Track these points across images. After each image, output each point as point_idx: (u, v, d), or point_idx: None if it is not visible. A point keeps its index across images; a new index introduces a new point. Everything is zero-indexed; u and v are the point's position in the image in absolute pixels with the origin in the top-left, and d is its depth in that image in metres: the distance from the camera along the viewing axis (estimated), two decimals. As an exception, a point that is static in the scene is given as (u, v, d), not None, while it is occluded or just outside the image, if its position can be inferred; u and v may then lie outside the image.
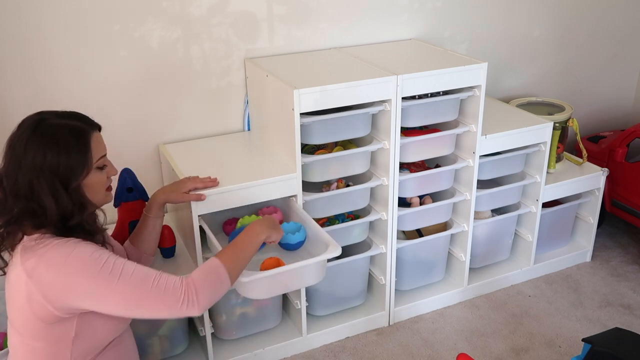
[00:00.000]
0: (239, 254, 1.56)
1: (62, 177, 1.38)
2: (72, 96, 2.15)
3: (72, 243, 1.38)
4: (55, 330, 1.40)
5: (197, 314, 1.43)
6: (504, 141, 2.42)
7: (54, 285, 1.35)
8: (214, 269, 1.48)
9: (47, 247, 1.36)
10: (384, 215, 2.29)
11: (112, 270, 1.37)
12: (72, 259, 1.35)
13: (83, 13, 2.08)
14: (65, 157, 1.38)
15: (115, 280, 1.36)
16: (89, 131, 1.45)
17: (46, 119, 1.42)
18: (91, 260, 1.37)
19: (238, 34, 2.33)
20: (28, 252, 1.36)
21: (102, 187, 1.50)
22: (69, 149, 1.39)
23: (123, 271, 1.38)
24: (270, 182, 2.03)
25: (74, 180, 1.40)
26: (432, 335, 2.42)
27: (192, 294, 1.41)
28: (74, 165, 1.40)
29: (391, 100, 2.11)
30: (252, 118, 2.43)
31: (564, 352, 2.33)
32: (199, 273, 1.45)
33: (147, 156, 2.36)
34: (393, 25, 2.61)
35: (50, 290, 1.35)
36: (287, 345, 2.30)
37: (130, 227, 2.00)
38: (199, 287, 1.42)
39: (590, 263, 2.91)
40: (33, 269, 1.35)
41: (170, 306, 1.40)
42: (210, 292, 1.45)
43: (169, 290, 1.39)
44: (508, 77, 3.03)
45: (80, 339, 1.43)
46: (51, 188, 1.37)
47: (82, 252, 1.37)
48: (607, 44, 3.26)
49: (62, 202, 1.38)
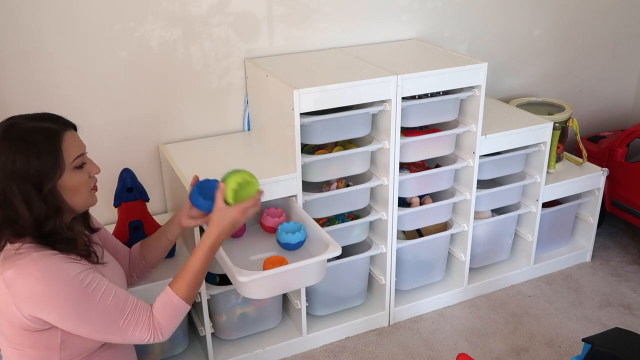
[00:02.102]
0: (193, 277, 1.55)
1: (34, 180, 1.35)
2: (71, 96, 2.15)
3: (55, 259, 1.36)
4: (40, 337, 1.39)
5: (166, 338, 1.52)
6: (504, 141, 2.42)
7: (28, 298, 1.33)
8: (172, 305, 1.52)
9: (26, 259, 1.34)
10: (384, 215, 2.29)
11: (89, 299, 1.37)
12: (53, 277, 1.34)
13: (83, 13, 2.07)
14: (36, 160, 1.34)
15: (90, 310, 1.37)
16: (59, 131, 1.40)
17: (17, 123, 1.38)
18: (72, 282, 1.35)
19: (238, 34, 2.33)
20: (7, 262, 1.35)
21: (84, 186, 1.45)
22: (39, 151, 1.35)
23: (100, 301, 1.39)
24: (270, 182, 2.03)
25: (47, 182, 1.36)
26: (432, 335, 2.42)
27: (157, 332, 1.49)
28: (45, 167, 1.35)
29: (391, 100, 2.11)
30: (252, 118, 2.43)
31: (564, 352, 2.33)
32: (161, 313, 1.50)
33: (147, 156, 2.36)
34: (393, 25, 2.61)
35: (24, 303, 1.33)
36: (287, 345, 2.30)
37: (130, 227, 2.00)
38: (163, 326, 1.49)
39: (590, 263, 2.91)
40: (10, 279, 1.33)
41: (135, 341, 1.47)
42: (173, 324, 1.52)
43: (137, 330, 1.45)
44: (508, 77, 3.03)
45: (67, 345, 1.42)
46: (23, 193, 1.34)
47: (64, 272, 1.35)
48: (607, 44, 3.26)
49: (36, 207, 1.35)
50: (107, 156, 2.25)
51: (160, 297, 1.52)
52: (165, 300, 1.52)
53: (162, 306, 1.51)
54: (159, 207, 2.44)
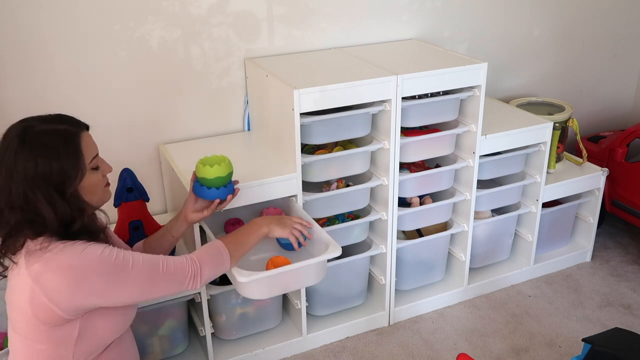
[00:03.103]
0: (241, 239, 1.68)
1: (57, 184, 1.35)
2: (71, 96, 2.15)
3: (79, 246, 1.37)
4: (58, 332, 1.40)
5: (198, 288, 1.57)
6: (504, 141, 2.42)
7: (63, 288, 1.34)
8: (217, 249, 1.61)
9: (53, 251, 1.35)
10: (384, 215, 2.29)
11: (123, 264, 1.40)
12: (82, 262, 1.35)
13: (83, 13, 2.07)
14: (58, 164, 1.34)
15: (127, 272, 1.41)
16: (77, 133, 1.40)
17: (32, 126, 1.37)
18: (101, 260, 1.37)
19: (238, 34, 2.33)
20: (32, 257, 1.35)
21: (100, 186, 1.48)
22: (60, 155, 1.35)
23: (134, 262, 1.42)
24: (270, 182, 2.03)
25: (69, 185, 1.37)
26: (432, 335, 2.42)
27: (197, 268, 1.53)
28: (68, 170, 1.36)
29: (391, 100, 2.11)
30: (252, 118, 2.43)
31: (564, 352, 2.33)
32: (203, 251, 1.59)
33: (147, 156, 2.36)
34: (393, 25, 2.61)
35: (58, 294, 1.34)
36: (287, 345, 2.30)
37: (130, 227, 2.00)
38: (203, 262, 1.55)
39: (590, 263, 2.91)
40: (39, 274, 1.33)
41: (179, 283, 1.51)
42: (212, 267, 1.58)
43: (177, 270, 1.50)
44: (508, 77, 3.03)
45: (82, 339, 1.43)
46: (47, 197, 1.34)
47: (90, 254, 1.37)
48: (607, 44, 3.26)
49: (60, 210, 1.36)
50: (107, 156, 2.22)
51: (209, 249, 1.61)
52: (211, 243, 1.62)
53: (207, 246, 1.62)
54: (159, 207, 2.44)
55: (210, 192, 1.77)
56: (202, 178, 1.76)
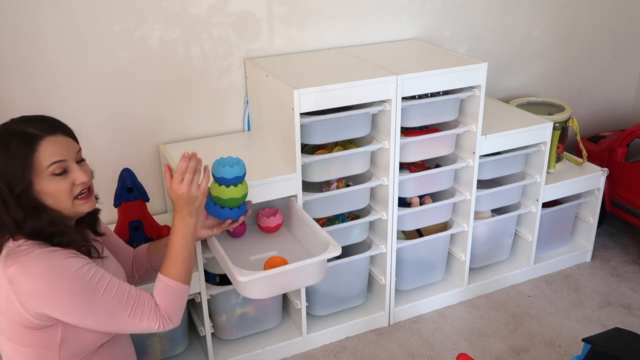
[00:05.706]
0: (180, 258, 1.56)
1: (6, 183, 1.35)
2: (71, 96, 2.15)
3: (58, 256, 1.36)
4: (39, 335, 1.39)
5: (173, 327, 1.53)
6: (504, 141, 2.42)
7: (33, 294, 1.33)
8: (169, 288, 1.52)
9: (29, 255, 1.35)
10: (384, 215, 2.29)
11: (95, 289, 1.38)
12: (55, 275, 1.34)
13: (83, 13, 2.07)
14: (4, 163, 1.34)
15: (95, 302, 1.38)
16: (38, 136, 1.37)
17: (8, 125, 1.40)
18: (75, 278, 1.36)
19: (238, 34, 2.33)
20: (10, 258, 1.35)
21: (64, 195, 1.41)
22: (11, 155, 1.35)
23: (104, 293, 1.39)
24: (270, 182, 2.03)
25: (17, 186, 1.35)
26: (432, 335, 2.42)
27: (165, 319, 1.50)
28: (13, 170, 1.35)
29: (391, 100, 2.11)
30: (252, 118, 2.43)
31: (564, 352, 2.33)
32: (161, 300, 1.50)
33: (147, 156, 2.36)
34: (393, 25, 2.61)
35: (27, 299, 1.33)
36: (287, 345, 2.30)
37: (130, 227, 2.00)
38: (168, 311, 1.50)
39: (590, 263, 2.91)
40: (14, 275, 1.33)
41: (145, 330, 1.48)
42: (177, 307, 1.53)
43: (144, 319, 1.46)
44: (508, 77, 3.03)
45: (67, 343, 1.42)
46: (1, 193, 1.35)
47: (66, 269, 1.35)
48: (607, 44, 3.26)
49: (12, 208, 1.36)
50: (107, 156, 2.25)
51: (156, 286, 1.53)
52: (161, 287, 1.52)
53: (160, 293, 1.52)
54: (159, 207, 2.44)
55: (223, 211, 1.74)
56: (216, 197, 1.73)
